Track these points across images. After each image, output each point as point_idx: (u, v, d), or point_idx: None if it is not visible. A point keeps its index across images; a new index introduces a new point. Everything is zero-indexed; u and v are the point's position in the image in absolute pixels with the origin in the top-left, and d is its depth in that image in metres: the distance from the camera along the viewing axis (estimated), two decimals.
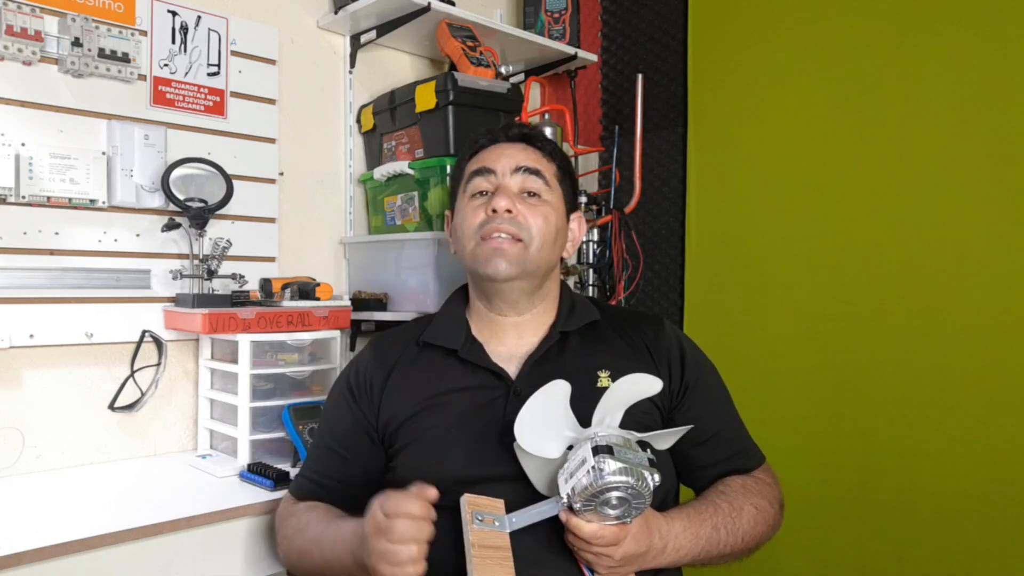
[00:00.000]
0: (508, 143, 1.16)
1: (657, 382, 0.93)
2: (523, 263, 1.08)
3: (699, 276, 1.96)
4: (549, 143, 1.18)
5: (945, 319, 1.57)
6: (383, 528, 0.89)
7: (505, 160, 1.12)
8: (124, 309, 1.44)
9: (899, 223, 1.63)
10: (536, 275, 1.11)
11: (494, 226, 1.08)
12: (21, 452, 1.35)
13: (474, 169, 1.14)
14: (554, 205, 1.13)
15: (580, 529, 0.89)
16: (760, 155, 1.85)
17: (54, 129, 1.36)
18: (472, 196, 1.13)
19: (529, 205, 1.10)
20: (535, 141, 1.17)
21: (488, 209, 1.09)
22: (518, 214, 1.09)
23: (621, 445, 0.88)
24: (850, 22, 1.70)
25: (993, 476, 1.51)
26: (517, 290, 1.11)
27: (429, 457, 1.06)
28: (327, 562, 1.02)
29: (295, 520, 1.10)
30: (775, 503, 1.10)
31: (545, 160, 1.15)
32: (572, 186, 1.20)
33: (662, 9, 2.06)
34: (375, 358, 1.16)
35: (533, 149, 1.16)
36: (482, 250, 1.09)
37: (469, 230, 1.11)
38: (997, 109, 1.52)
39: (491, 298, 1.13)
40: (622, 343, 1.13)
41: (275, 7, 1.69)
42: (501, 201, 1.08)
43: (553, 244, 1.12)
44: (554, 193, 1.14)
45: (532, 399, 0.91)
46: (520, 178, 1.11)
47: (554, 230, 1.11)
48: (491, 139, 1.17)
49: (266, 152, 1.64)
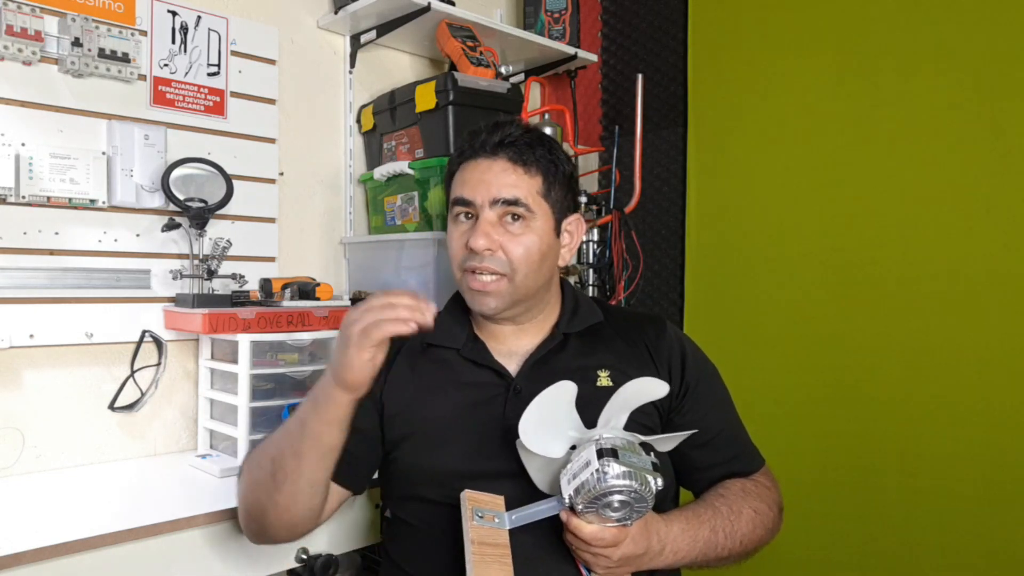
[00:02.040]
0: (490, 158, 1.09)
1: (663, 386, 0.93)
2: (509, 296, 1.07)
3: (699, 276, 1.96)
4: (535, 148, 1.09)
5: (946, 319, 1.57)
6: (359, 309, 0.89)
7: (483, 189, 1.07)
8: (124, 309, 1.44)
9: (899, 222, 1.63)
10: (526, 299, 1.10)
11: (474, 264, 1.07)
12: (21, 452, 1.35)
13: (455, 197, 1.11)
14: (537, 228, 1.08)
15: (580, 530, 0.89)
16: (760, 155, 1.85)
17: (54, 129, 1.36)
18: (456, 217, 1.12)
19: (511, 235, 1.07)
20: (519, 155, 1.08)
21: (468, 245, 1.07)
22: (498, 249, 1.06)
23: (625, 448, 0.88)
24: (850, 22, 1.71)
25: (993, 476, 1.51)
26: (509, 315, 1.11)
27: (428, 449, 1.06)
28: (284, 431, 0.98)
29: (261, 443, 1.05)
30: (774, 507, 1.11)
31: (527, 177, 1.08)
32: (564, 191, 1.12)
33: (662, 9, 2.06)
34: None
35: (513, 167, 1.08)
36: (466, 285, 1.09)
37: (455, 258, 1.11)
38: (998, 108, 1.52)
39: (486, 317, 1.13)
40: (623, 344, 1.13)
41: (275, 7, 1.69)
42: (480, 240, 1.05)
43: (539, 268, 1.09)
44: (538, 213, 1.08)
45: (538, 398, 0.91)
46: (499, 209, 1.07)
47: (538, 256, 1.08)
48: (473, 150, 1.11)
49: (266, 152, 1.63)
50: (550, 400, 0.91)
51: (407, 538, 1.10)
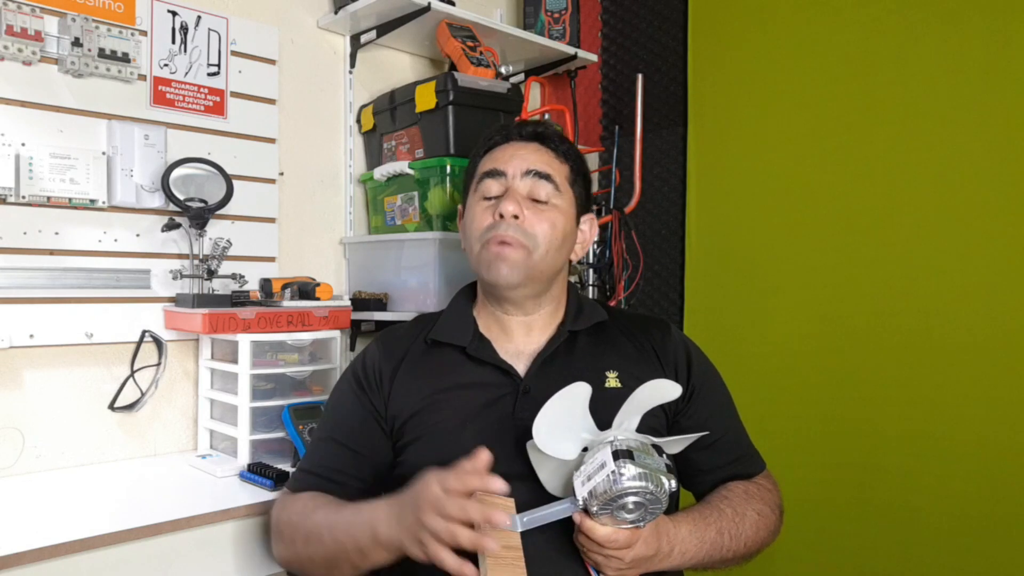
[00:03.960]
0: (522, 142, 1.15)
1: (677, 387, 0.93)
2: (526, 269, 1.08)
3: (699, 276, 1.96)
4: (564, 142, 1.16)
5: (946, 320, 1.57)
6: (439, 503, 0.84)
7: (516, 162, 1.11)
8: (124, 309, 1.44)
9: (900, 223, 1.63)
10: (540, 280, 1.11)
11: (500, 232, 1.08)
12: (21, 452, 1.35)
13: (486, 170, 1.13)
14: (563, 209, 1.12)
15: (594, 532, 0.89)
16: (760, 155, 1.85)
17: (54, 129, 1.36)
18: (482, 197, 1.13)
19: (537, 210, 1.09)
20: (549, 141, 1.15)
21: (495, 213, 1.09)
22: (524, 220, 1.08)
23: (640, 450, 0.88)
24: (850, 22, 1.71)
25: (993, 480, 1.51)
26: (521, 295, 1.11)
27: (438, 452, 1.05)
28: (338, 543, 0.97)
29: (300, 505, 1.07)
30: (776, 509, 1.11)
31: (558, 162, 1.14)
32: (585, 187, 1.18)
33: (662, 9, 2.06)
34: (383, 351, 1.15)
35: (546, 150, 1.14)
36: (486, 254, 1.09)
37: (476, 232, 1.11)
38: (999, 107, 1.52)
39: (498, 299, 1.13)
40: (630, 346, 1.14)
41: (275, 7, 1.69)
42: (508, 206, 1.07)
43: (559, 249, 1.11)
44: (564, 197, 1.12)
45: (553, 400, 0.90)
46: (530, 182, 1.10)
47: (560, 235, 1.11)
48: (504, 136, 1.16)
49: (266, 152, 1.63)
50: (565, 401, 0.90)
51: None
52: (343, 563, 0.98)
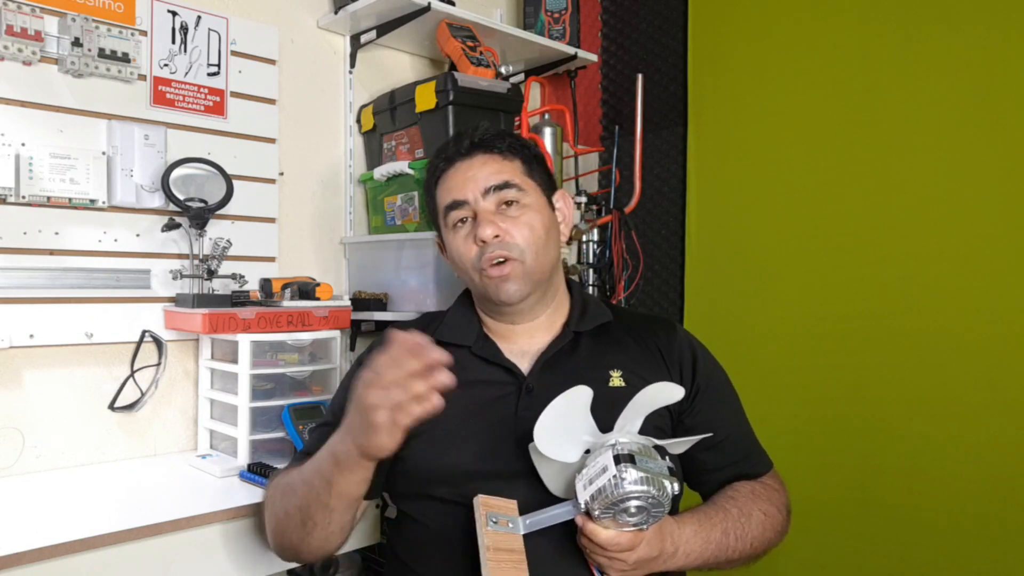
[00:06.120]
0: (466, 160, 1.13)
1: (679, 390, 0.93)
2: (528, 277, 1.09)
3: (699, 276, 1.95)
4: (503, 137, 1.15)
5: (947, 318, 1.57)
6: (375, 379, 0.86)
7: (471, 185, 1.10)
8: (124, 309, 1.44)
9: (900, 223, 1.63)
10: (543, 280, 1.11)
11: (488, 256, 1.08)
12: (21, 452, 1.35)
13: (447, 203, 1.13)
14: (533, 204, 1.12)
15: (597, 535, 0.89)
16: (760, 155, 1.85)
17: (54, 129, 1.36)
18: (454, 226, 1.13)
19: (511, 219, 1.09)
20: (489, 146, 1.13)
21: (477, 241, 1.09)
22: (505, 234, 1.08)
23: (642, 453, 0.88)
24: (850, 22, 1.70)
25: (995, 478, 1.50)
26: (530, 302, 1.12)
27: (438, 448, 1.05)
28: (307, 484, 0.99)
29: (283, 476, 1.08)
30: (783, 509, 1.11)
31: (507, 161, 1.13)
32: (543, 167, 1.17)
33: (662, 9, 2.06)
34: None
35: (491, 156, 1.13)
36: (488, 282, 1.09)
37: (467, 264, 1.11)
38: (999, 107, 1.52)
39: (504, 313, 1.14)
40: (635, 346, 1.14)
41: (275, 7, 1.69)
42: (486, 231, 1.07)
43: (547, 244, 1.11)
44: (529, 191, 1.12)
45: (553, 404, 0.90)
46: (493, 197, 1.10)
47: (543, 232, 1.11)
48: (448, 160, 1.15)
49: (266, 152, 1.64)
50: (566, 405, 0.90)
51: (416, 537, 1.09)
52: (315, 506, 0.97)
